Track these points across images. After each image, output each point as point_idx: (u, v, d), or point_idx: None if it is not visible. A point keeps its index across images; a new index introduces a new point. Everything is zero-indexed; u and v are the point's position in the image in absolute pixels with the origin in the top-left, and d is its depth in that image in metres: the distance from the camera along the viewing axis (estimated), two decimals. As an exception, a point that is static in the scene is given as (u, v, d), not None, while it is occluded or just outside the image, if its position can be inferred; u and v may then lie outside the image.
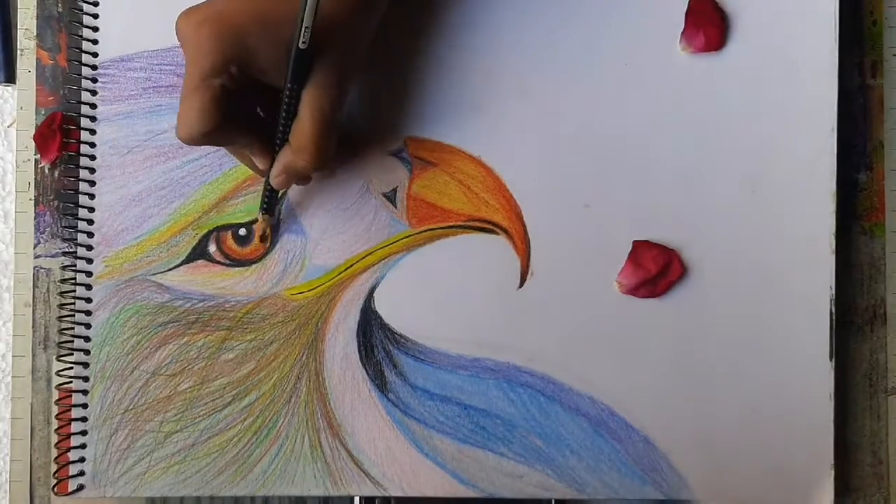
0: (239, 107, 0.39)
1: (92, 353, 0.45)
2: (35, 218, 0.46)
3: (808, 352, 0.45)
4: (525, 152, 0.45)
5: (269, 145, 0.41)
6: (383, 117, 0.45)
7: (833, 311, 0.45)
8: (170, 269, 0.45)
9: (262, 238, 0.45)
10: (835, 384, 0.45)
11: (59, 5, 0.47)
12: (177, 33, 0.38)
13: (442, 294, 0.45)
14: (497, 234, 0.45)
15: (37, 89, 0.47)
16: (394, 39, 0.45)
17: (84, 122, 0.45)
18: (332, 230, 0.45)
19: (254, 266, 0.45)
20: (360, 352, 0.45)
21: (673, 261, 0.45)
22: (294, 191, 0.45)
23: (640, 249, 0.45)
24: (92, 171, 0.45)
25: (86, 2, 0.46)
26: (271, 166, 0.42)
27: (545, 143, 0.45)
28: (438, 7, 0.46)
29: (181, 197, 0.45)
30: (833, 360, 0.45)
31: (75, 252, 0.45)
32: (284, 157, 0.41)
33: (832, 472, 0.45)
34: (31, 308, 0.46)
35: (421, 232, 0.45)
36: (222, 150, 0.45)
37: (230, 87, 0.38)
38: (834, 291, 0.45)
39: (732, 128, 0.45)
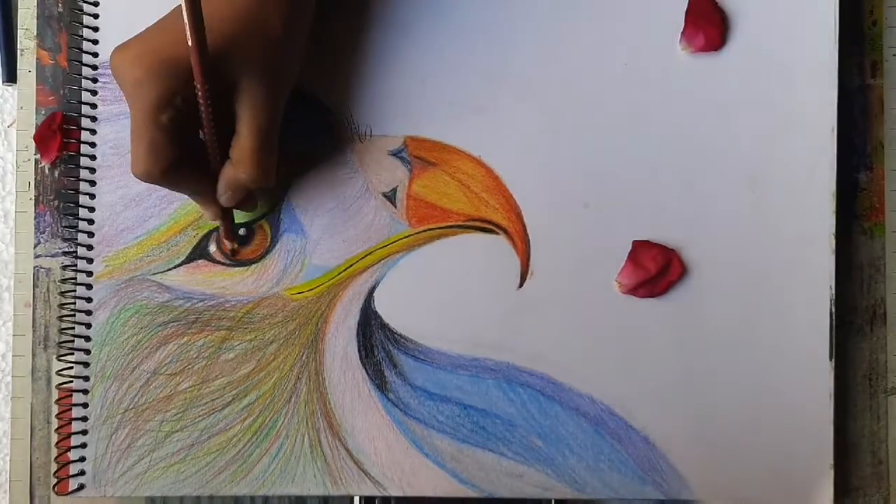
0: (192, 145, 0.39)
1: (92, 352, 0.45)
2: (35, 218, 0.46)
3: (808, 352, 0.45)
4: (525, 152, 0.45)
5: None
6: (383, 117, 0.45)
7: (833, 311, 0.45)
8: (170, 269, 0.45)
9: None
10: (835, 384, 0.45)
11: (60, 5, 0.47)
12: (112, 72, 0.37)
13: (442, 294, 0.45)
14: (497, 233, 0.45)
15: (37, 89, 0.47)
16: (394, 39, 0.45)
17: (84, 122, 0.45)
18: (332, 230, 0.45)
19: (254, 266, 0.45)
20: (360, 352, 0.45)
21: (673, 261, 0.45)
22: (294, 191, 0.45)
23: (640, 249, 0.45)
24: (92, 171, 0.45)
25: (86, 1, 0.46)
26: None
27: (545, 143, 0.45)
28: (438, 7, 0.46)
29: (181, 197, 0.45)
30: (833, 360, 0.45)
31: (75, 252, 0.45)
32: (227, 173, 0.40)
33: (832, 472, 0.45)
34: (31, 308, 0.46)
35: (421, 232, 0.45)
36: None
37: (178, 121, 0.37)
38: (834, 291, 0.45)
39: (732, 128, 0.45)
